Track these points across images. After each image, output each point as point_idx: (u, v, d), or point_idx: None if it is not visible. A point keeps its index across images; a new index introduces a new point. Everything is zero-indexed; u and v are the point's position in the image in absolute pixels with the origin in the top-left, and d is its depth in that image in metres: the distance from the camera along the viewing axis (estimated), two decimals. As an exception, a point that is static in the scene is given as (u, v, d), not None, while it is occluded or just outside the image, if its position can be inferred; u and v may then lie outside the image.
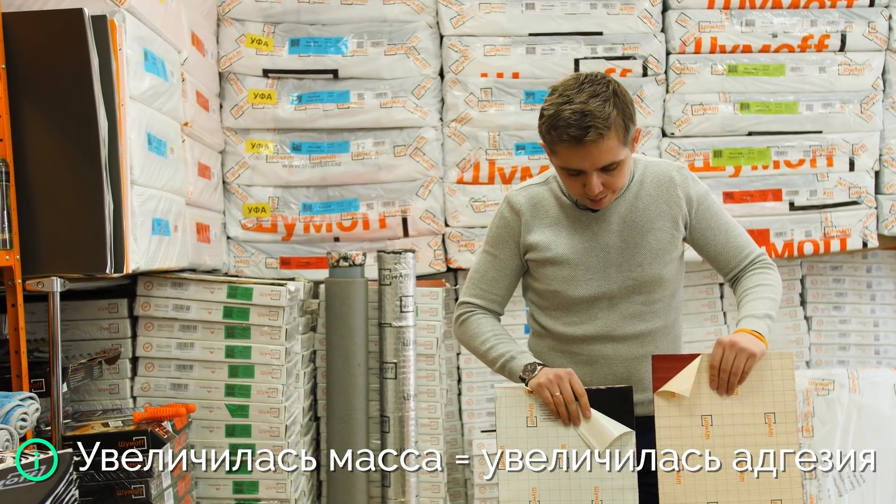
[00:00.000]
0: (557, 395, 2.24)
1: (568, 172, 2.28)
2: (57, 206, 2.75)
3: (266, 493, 3.69)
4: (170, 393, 3.66)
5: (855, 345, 4.97)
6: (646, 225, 2.38)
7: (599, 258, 2.38)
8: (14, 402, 2.33)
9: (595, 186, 2.25)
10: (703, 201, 2.43)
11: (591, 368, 2.41)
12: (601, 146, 2.20)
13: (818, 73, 4.65)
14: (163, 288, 3.63)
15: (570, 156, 2.23)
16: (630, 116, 2.28)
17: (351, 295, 4.05)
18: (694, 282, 4.83)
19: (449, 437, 4.51)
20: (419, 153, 4.49)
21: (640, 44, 4.59)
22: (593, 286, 2.39)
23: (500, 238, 2.48)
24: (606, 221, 2.39)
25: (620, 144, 2.24)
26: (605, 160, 2.22)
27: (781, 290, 2.40)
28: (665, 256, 2.40)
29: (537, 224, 2.43)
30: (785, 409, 2.23)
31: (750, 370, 2.21)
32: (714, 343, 2.25)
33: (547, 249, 2.40)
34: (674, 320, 2.49)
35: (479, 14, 4.52)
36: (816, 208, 4.66)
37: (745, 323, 2.29)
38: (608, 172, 2.25)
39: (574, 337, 2.42)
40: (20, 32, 2.70)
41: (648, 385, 2.36)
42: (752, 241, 2.47)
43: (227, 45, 4.42)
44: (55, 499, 1.89)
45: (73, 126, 2.76)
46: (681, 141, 4.60)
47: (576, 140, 2.19)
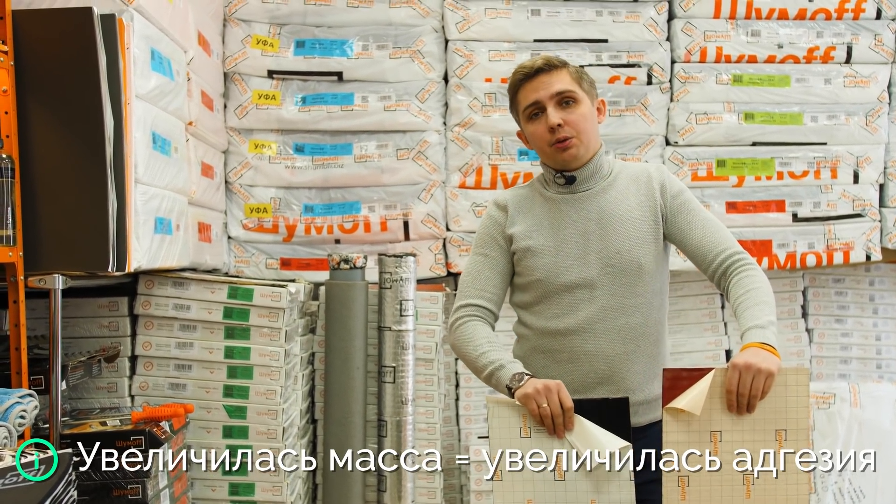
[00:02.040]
0: (544, 406, 2.22)
1: (530, 116, 2.50)
2: (61, 204, 2.74)
3: (262, 495, 3.68)
4: (168, 392, 3.65)
5: (857, 358, 4.95)
6: (624, 214, 2.48)
7: (579, 245, 2.46)
8: (13, 399, 2.33)
9: (553, 116, 2.44)
10: (680, 195, 2.52)
11: (573, 366, 2.44)
12: (553, 75, 2.47)
13: (823, 84, 4.64)
14: (163, 287, 3.63)
15: (527, 92, 2.49)
16: (585, 74, 2.55)
17: (351, 298, 4.04)
18: (694, 291, 4.82)
19: (446, 443, 4.50)
20: (422, 157, 4.48)
21: (645, 52, 4.59)
22: (573, 273, 2.44)
23: (488, 237, 2.57)
24: (585, 210, 2.49)
25: (573, 82, 2.48)
26: (556, 86, 2.46)
27: (771, 289, 2.38)
28: (644, 246, 2.46)
29: (521, 216, 2.54)
30: (797, 427, 2.18)
31: (769, 389, 2.16)
32: (728, 366, 2.18)
33: (528, 238, 2.50)
34: (656, 321, 2.50)
35: (485, 19, 4.52)
36: (820, 220, 4.65)
37: (753, 335, 2.24)
38: (565, 109, 2.46)
39: (556, 331, 2.45)
40: (29, 30, 2.70)
41: (630, 385, 2.42)
42: (731, 237, 2.48)
43: (232, 45, 4.42)
44: (54, 499, 1.88)
45: (79, 124, 2.75)
46: (684, 150, 4.59)
47: (530, 72, 2.48)
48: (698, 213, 2.50)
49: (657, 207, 2.49)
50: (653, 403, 2.46)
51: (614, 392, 2.41)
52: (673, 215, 2.50)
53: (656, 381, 2.41)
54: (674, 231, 2.50)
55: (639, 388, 2.45)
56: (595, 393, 2.42)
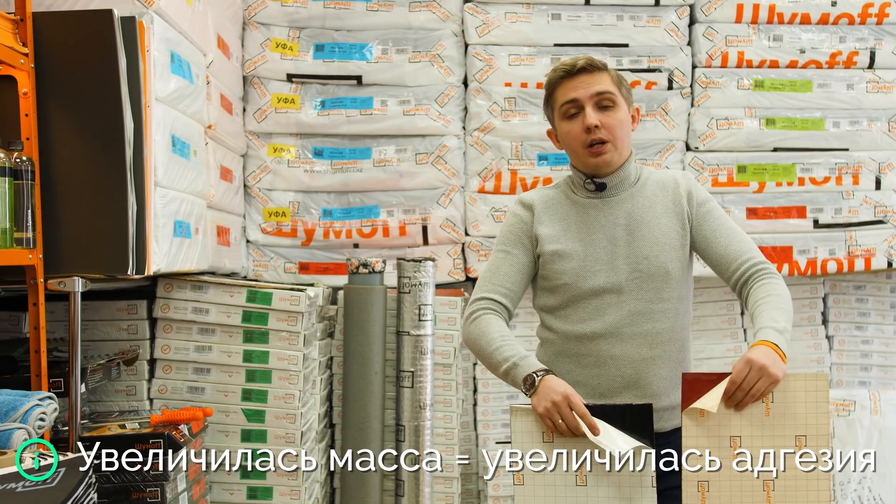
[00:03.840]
0: (560, 422, 2.21)
1: (567, 114, 2.46)
2: (81, 206, 2.75)
3: (280, 499, 3.67)
4: (186, 396, 3.64)
5: (877, 366, 4.90)
6: (652, 220, 2.46)
7: (607, 249, 2.45)
8: (33, 401, 2.32)
9: (591, 117, 2.40)
10: (706, 203, 2.51)
11: (599, 370, 2.42)
12: (593, 76, 2.43)
13: (846, 89, 4.61)
14: (182, 290, 3.62)
15: (566, 89, 2.45)
16: (624, 80, 2.50)
17: (369, 302, 4.03)
18: (714, 298, 4.79)
19: (463, 448, 4.48)
20: (441, 161, 4.47)
21: (666, 57, 4.57)
22: (601, 277, 2.43)
23: (513, 235, 2.55)
24: (613, 215, 2.47)
25: (614, 85, 2.45)
26: (597, 87, 2.42)
27: (791, 300, 2.36)
28: (671, 252, 2.44)
29: (548, 217, 2.52)
30: (817, 433, 2.16)
31: (767, 394, 2.16)
32: (742, 359, 2.17)
33: (556, 241, 2.47)
34: (682, 327, 2.49)
35: (505, 23, 4.51)
36: (841, 226, 4.62)
37: (768, 334, 2.22)
38: (604, 111, 2.43)
39: (583, 335, 2.43)
40: (50, 32, 2.71)
41: (656, 391, 2.40)
42: (755, 247, 2.47)
43: (251, 48, 4.42)
44: (74, 501, 1.87)
45: (99, 126, 2.76)
46: (705, 155, 4.56)
47: (569, 70, 2.44)
48: (723, 222, 2.49)
49: (684, 214, 2.48)
50: (677, 409, 2.43)
51: (639, 396, 2.40)
52: (698, 223, 2.49)
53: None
54: (698, 239, 2.49)
55: (664, 393, 2.43)
56: (620, 397, 2.41)
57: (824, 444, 2.17)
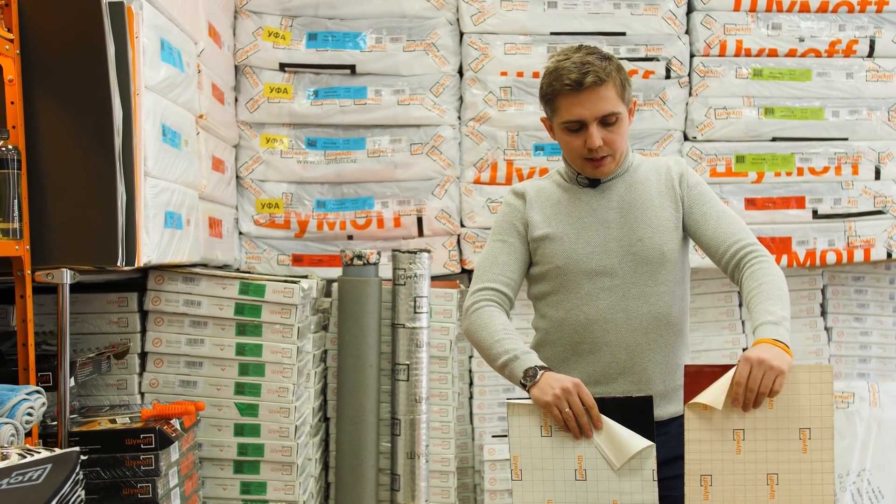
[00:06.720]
0: (567, 410, 2.17)
1: (569, 129, 2.39)
2: (69, 197, 2.68)
3: (274, 494, 3.63)
4: (178, 390, 3.60)
5: (876, 357, 4.87)
6: (645, 202, 2.45)
7: (599, 233, 2.44)
8: (20, 395, 2.27)
9: (595, 138, 2.35)
10: (697, 186, 2.50)
11: (594, 357, 2.41)
12: (600, 93, 2.33)
13: (845, 78, 4.57)
14: (174, 282, 3.57)
15: (571, 104, 2.35)
16: (626, 79, 2.42)
17: (364, 294, 3.99)
18: (712, 289, 4.75)
19: (459, 441, 4.44)
20: (436, 152, 4.42)
21: (664, 45, 4.52)
22: (594, 260, 2.41)
23: (507, 223, 2.53)
24: (606, 199, 2.46)
25: (618, 98, 2.37)
26: (604, 108, 2.34)
27: (785, 282, 2.32)
28: (665, 234, 2.43)
29: (539, 204, 2.51)
30: (821, 426, 2.14)
31: (780, 388, 2.10)
32: (740, 359, 2.13)
33: (547, 225, 2.47)
34: (678, 312, 2.46)
35: (501, 12, 4.45)
36: (840, 217, 4.57)
37: (766, 331, 2.18)
38: (607, 128, 2.37)
39: (577, 321, 2.41)
40: (35, 18, 2.64)
41: (651, 376, 2.39)
42: (746, 229, 2.44)
43: (243, 37, 4.36)
44: (61, 498, 1.82)
45: (87, 115, 2.69)
46: (703, 145, 4.52)
47: (576, 84, 2.32)
48: (714, 205, 2.47)
49: (676, 196, 2.47)
50: (673, 395, 2.42)
51: (634, 382, 2.39)
52: (689, 206, 2.47)
53: (677, 372, 2.39)
54: (689, 222, 2.47)
55: (659, 378, 2.41)
56: (615, 383, 2.39)
57: (828, 437, 2.14)
